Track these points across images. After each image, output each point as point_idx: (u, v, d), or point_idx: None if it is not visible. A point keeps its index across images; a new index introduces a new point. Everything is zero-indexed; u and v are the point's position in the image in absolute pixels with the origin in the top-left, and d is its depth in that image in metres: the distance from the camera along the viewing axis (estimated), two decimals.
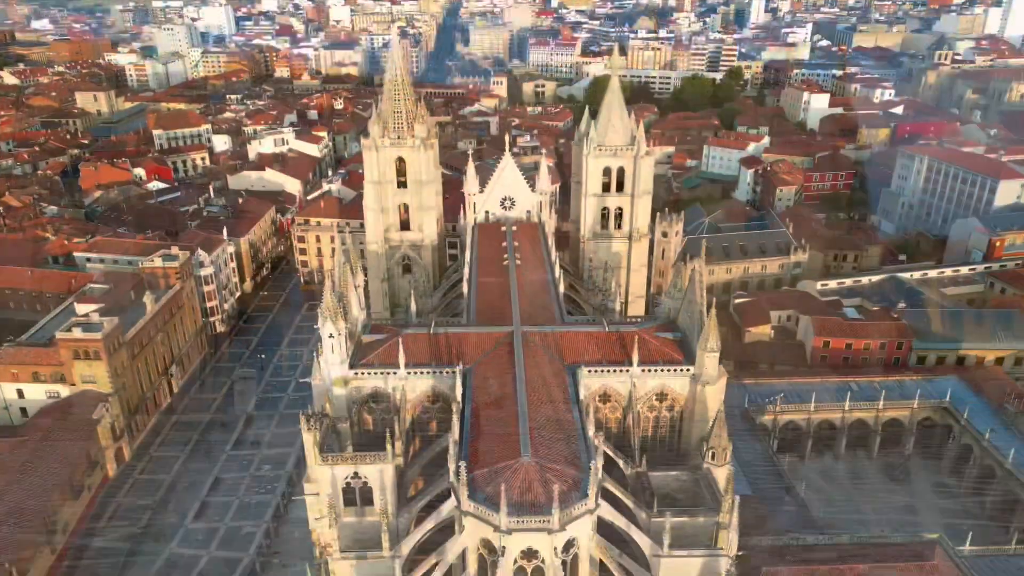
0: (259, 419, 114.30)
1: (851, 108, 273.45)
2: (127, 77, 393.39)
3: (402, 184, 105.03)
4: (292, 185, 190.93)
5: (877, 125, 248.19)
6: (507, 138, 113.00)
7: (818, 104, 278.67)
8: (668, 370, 72.62)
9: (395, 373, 71.79)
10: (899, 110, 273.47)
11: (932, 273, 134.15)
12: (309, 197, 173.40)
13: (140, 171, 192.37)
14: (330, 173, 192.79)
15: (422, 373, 72.08)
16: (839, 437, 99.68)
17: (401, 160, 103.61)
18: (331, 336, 69.53)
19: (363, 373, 72.23)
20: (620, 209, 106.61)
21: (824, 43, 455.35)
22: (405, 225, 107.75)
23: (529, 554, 55.69)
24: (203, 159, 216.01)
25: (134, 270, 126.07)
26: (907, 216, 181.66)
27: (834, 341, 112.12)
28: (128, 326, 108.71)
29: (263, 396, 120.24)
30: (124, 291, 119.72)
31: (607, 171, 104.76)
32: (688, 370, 72.44)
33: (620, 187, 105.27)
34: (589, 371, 71.86)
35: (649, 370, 72.36)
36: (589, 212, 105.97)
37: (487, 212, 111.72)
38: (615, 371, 72.29)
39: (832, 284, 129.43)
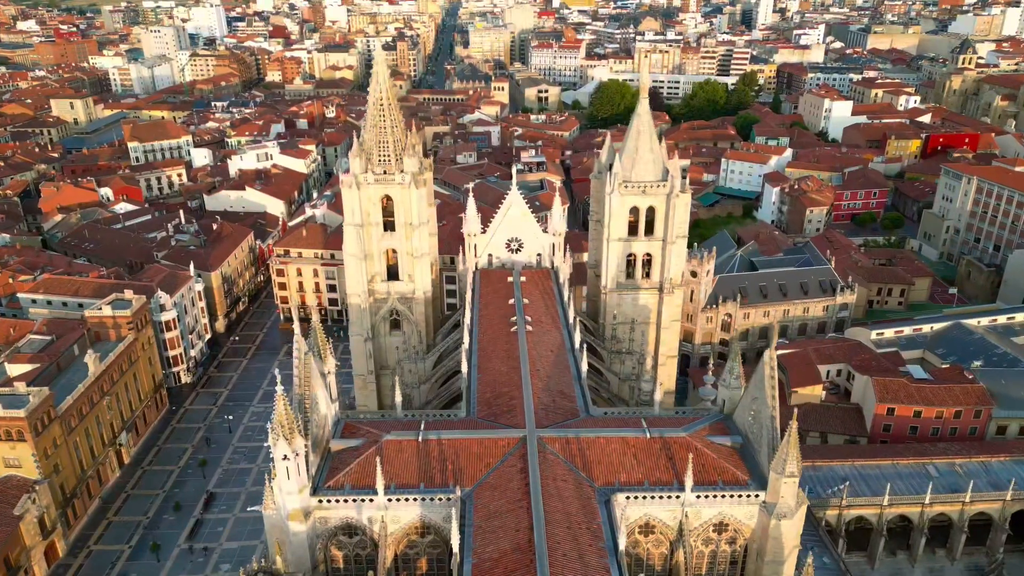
0: (221, 499, 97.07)
1: (876, 116, 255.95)
2: (111, 81, 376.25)
3: (389, 226, 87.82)
4: (275, 206, 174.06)
5: (906, 136, 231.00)
6: (514, 170, 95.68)
7: (840, 112, 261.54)
8: (731, 495, 55.49)
9: (372, 500, 54.70)
10: (926, 119, 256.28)
11: (1001, 319, 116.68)
12: (291, 223, 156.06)
13: (107, 191, 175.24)
14: (315, 195, 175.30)
15: (408, 500, 54.97)
16: (916, 534, 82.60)
17: (388, 198, 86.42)
18: (285, 458, 52.38)
19: (331, 501, 55.09)
20: (649, 256, 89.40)
21: (837, 45, 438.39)
22: (393, 273, 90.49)
23: None
24: (179, 175, 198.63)
25: (82, 317, 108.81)
26: (952, 242, 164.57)
27: (900, 408, 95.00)
28: (64, 393, 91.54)
29: (228, 468, 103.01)
30: (67, 344, 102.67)
31: (634, 210, 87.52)
32: (757, 496, 55.31)
33: (650, 229, 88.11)
34: (627, 498, 54.79)
35: (706, 496, 55.23)
36: (612, 259, 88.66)
37: (490, 255, 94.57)
38: (661, 497, 55.16)
39: (888, 333, 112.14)
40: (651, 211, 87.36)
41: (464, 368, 70.76)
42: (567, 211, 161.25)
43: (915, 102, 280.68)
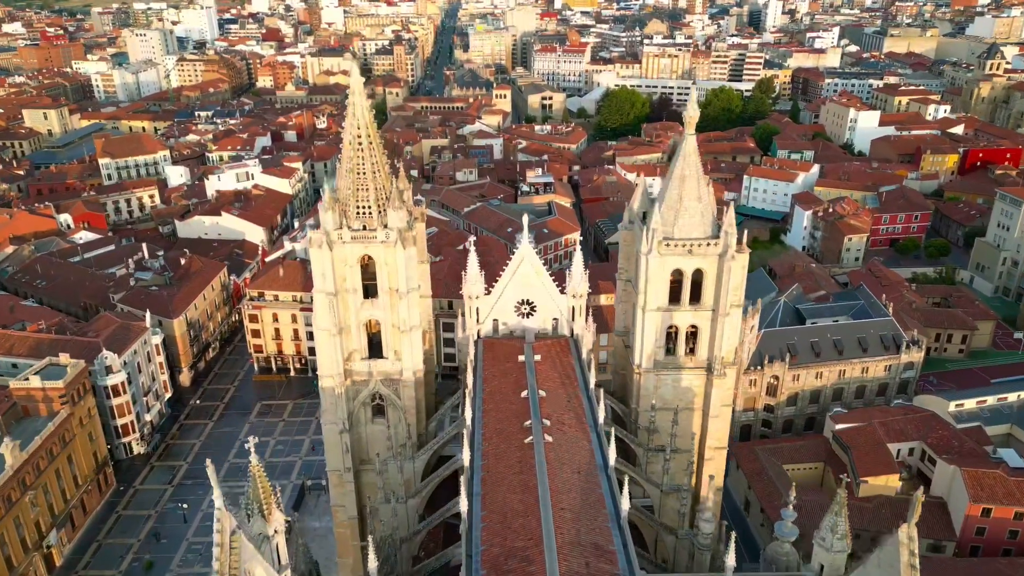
0: None
1: (905, 127, 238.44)
2: (94, 88, 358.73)
3: (370, 291, 70.41)
4: (254, 233, 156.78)
5: (942, 150, 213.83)
6: (525, 220, 78.09)
7: (867, 122, 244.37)
8: None
9: None
10: (959, 130, 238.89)
11: None
12: (270, 257, 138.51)
13: (67, 217, 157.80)
14: (295, 224, 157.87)
15: None
16: None
17: (369, 258, 69.05)
18: None
19: None
20: (694, 328, 71.87)
21: (852, 48, 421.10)
22: (376, 348, 73.05)
23: None
24: (152, 196, 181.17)
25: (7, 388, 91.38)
26: (1010, 275, 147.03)
27: (998, 509, 77.74)
28: None
29: (179, 572, 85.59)
30: None
31: (676, 271, 70.03)
32: None
33: (696, 296, 70.60)
34: None
35: None
36: (649, 332, 71.02)
37: (496, 321, 77.06)
38: None
39: (970, 404, 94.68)
40: (698, 273, 69.84)
41: (463, 505, 53.14)
42: (576, 237, 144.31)
43: (945, 111, 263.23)
